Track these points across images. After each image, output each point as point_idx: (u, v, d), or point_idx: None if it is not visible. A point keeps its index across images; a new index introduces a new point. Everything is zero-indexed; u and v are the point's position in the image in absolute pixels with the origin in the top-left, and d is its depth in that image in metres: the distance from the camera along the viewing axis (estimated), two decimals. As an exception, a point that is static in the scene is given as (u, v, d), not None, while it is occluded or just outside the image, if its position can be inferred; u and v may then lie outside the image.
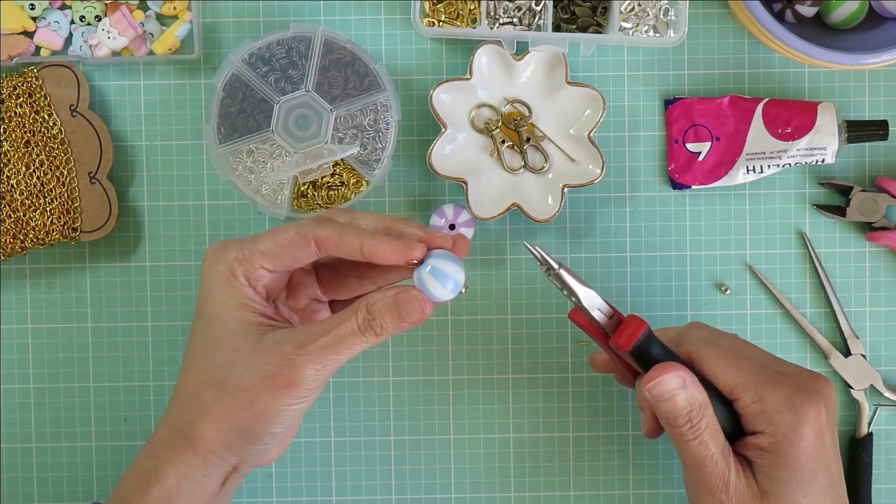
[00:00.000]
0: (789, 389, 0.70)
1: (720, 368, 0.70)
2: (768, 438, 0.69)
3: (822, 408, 0.70)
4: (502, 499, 0.85)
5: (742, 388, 0.70)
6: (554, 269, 0.68)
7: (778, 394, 0.69)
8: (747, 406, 0.70)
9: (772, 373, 0.71)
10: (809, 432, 0.69)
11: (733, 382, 0.70)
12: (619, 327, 0.69)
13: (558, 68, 0.82)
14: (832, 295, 0.84)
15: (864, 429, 0.84)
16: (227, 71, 0.81)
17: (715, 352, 0.71)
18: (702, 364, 0.71)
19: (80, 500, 0.85)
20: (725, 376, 0.70)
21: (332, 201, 0.82)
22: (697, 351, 0.72)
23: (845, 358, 0.84)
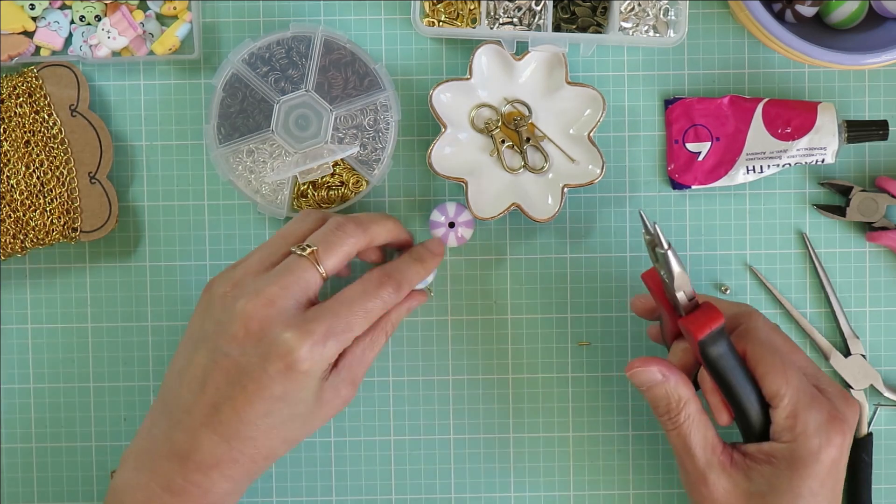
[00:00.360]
0: (824, 415, 0.72)
1: (769, 375, 0.72)
2: (786, 452, 0.72)
3: (848, 436, 0.73)
4: (502, 499, 0.85)
5: (782, 399, 0.72)
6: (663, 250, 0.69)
7: (813, 417, 0.72)
8: (781, 419, 0.72)
9: (812, 392, 0.73)
10: (827, 458, 0.71)
11: (777, 392, 0.72)
12: (695, 311, 0.71)
13: (558, 68, 0.82)
14: (832, 295, 0.84)
15: (864, 429, 0.84)
16: (227, 71, 0.81)
17: (768, 357, 0.73)
18: (755, 366, 0.73)
19: (80, 500, 0.85)
20: (772, 385, 0.72)
21: (332, 201, 0.82)
22: (753, 352, 0.73)
23: (845, 358, 0.84)
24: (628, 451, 0.85)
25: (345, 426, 0.85)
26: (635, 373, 0.74)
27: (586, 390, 0.85)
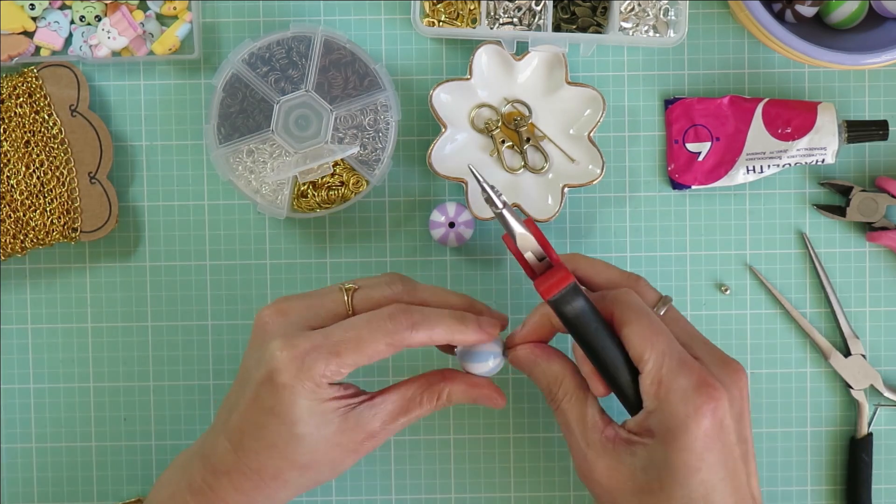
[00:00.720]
0: (692, 381, 0.67)
1: (635, 338, 0.68)
2: (657, 419, 0.67)
3: (723, 402, 0.67)
4: (502, 499, 0.85)
5: (646, 363, 0.68)
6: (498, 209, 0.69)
7: (678, 384, 0.67)
8: (647, 385, 0.68)
9: (682, 357, 0.68)
10: (699, 428, 0.66)
11: (641, 356, 0.68)
12: (545, 273, 0.69)
13: (558, 68, 0.82)
14: (832, 295, 0.84)
15: (864, 429, 0.84)
16: (227, 71, 0.81)
17: (635, 319, 0.68)
18: (620, 328, 0.69)
19: (80, 500, 0.85)
20: (636, 348, 0.68)
21: (332, 201, 0.82)
22: (620, 314, 0.69)
23: (845, 358, 0.84)
24: (628, 451, 0.85)
25: (345, 426, 0.85)
26: (512, 357, 0.73)
27: (586, 390, 0.85)
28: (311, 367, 0.68)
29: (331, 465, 0.71)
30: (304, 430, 0.69)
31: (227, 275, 0.85)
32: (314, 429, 0.69)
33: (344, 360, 0.68)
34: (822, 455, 0.85)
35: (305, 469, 0.71)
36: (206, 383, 0.85)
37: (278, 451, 0.70)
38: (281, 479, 0.71)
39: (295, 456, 0.70)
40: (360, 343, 0.68)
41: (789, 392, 0.85)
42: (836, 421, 0.85)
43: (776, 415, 0.85)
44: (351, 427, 0.70)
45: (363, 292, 0.72)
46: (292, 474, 0.71)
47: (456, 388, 0.73)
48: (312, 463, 0.71)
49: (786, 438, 0.85)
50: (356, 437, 0.71)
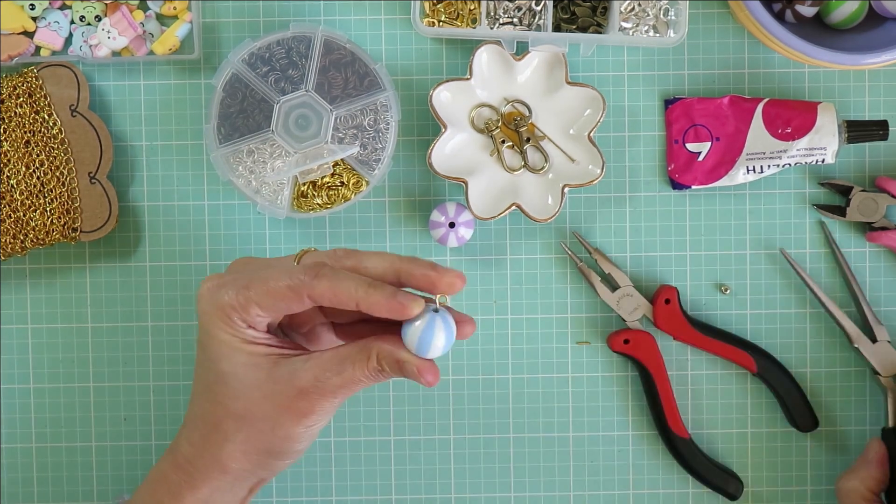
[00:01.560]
0: None
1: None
2: None
3: None
4: (502, 499, 0.85)
5: None
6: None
7: None
8: None
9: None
10: None
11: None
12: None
13: (558, 68, 0.82)
14: (854, 283, 0.83)
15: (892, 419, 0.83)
16: (227, 71, 0.81)
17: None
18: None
19: (80, 500, 0.85)
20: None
21: (332, 201, 0.82)
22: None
23: (873, 344, 0.83)
24: (628, 451, 0.85)
25: (345, 426, 0.85)
26: None
27: (586, 390, 0.85)
28: (221, 297, 0.67)
29: (268, 423, 0.68)
30: (227, 368, 0.68)
31: (227, 275, 0.85)
32: (241, 369, 0.68)
33: (250, 294, 0.66)
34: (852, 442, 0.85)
35: (240, 420, 0.68)
36: (206, 383, 0.85)
37: (212, 394, 0.69)
38: (220, 429, 0.69)
39: (226, 399, 0.68)
40: (268, 281, 0.66)
41: (789, 392, 0.85)
42: (852, 410, 0.85)
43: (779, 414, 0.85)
44: (283, 378, 0.67)
45: (312, 252, 0.70)
46: (229, 425, 0.69)
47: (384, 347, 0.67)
48: (246, 413, 0.68)
49: (799, 437, 0.85)
50: (288, 391, 0.67)
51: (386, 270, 0.67)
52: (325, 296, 0.66)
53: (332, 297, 0.66)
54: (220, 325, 0.67)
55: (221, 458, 0.69)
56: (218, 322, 0.67)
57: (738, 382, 0.85)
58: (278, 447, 0.69)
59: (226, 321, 0.67)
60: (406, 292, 0.65)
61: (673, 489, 0.85)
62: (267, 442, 0.69)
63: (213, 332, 0.68)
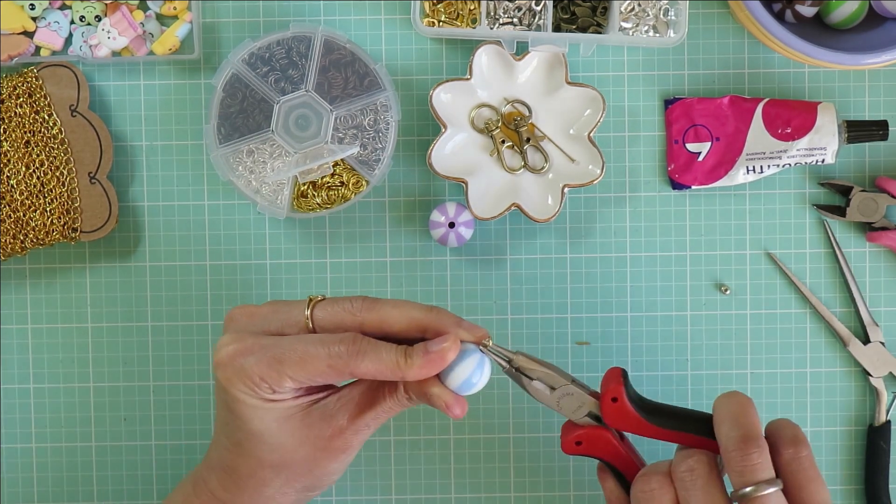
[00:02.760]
0: None
1: None
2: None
3: None
4: (502, 499, 0.85)
5: None
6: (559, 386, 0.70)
7: None
8: None
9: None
10: None
11: None
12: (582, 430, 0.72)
13: (558, 68, 0.82)
14: (852, 283, 0.84)
15: (882, 416, 0.84)
16: (227, 71, 0.81)
17: None
18: None
19: (80, 500, 0.85)
20: None
21: (332, 201, 0.82)
22: None
23: (864, 345, 0.84)
24: (628, 451, 0.85)
25: (345, 426, 0.85)
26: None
27: (586, 390, 0.85)
28: (249, 367, 0.66)
29: (306, 465, 0.69)
30: (259, 427, 0.68)
31: (227, 275, 0.85)
32: (273, 425, 0.68)
33: (285, 369, 0.66)
34: (838, 442, 0.85)
35: (279, 468, 0.69)
36: (206, 383, 0.85)
37: (244, 449, 0.69)
38: (257, 477, 0.70)
39: (261, 453, 0.69)
40: (305, 359, 0.66)
41: (789, 391, 0.85)
42: (853, 410, 0.85)
43: (790, 414, 0.85)
44: (316, 421, 0.68)
45: (324, 304, 0.69)
46: (266, 473, 0.69)
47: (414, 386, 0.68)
48: (283, 462, 0.69)
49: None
50: (323, 433, 0.68)
51: (409, 326, 0.68)
52: (368, 373, 0.66)
53: (376, 374, 0.67)
54: (246, 391, 0.67)
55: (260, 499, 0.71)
56: (243, 388, 0.67)
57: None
58: (317, 483, 0.71)
59: (252, 388, 0.67)
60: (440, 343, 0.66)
61: (673, 489, 0.85)
62: (306, 480, 0.71)
63: (238, 398, 0.67)
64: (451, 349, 0.66)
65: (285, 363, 0.66)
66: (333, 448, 0.69)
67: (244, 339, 0.68)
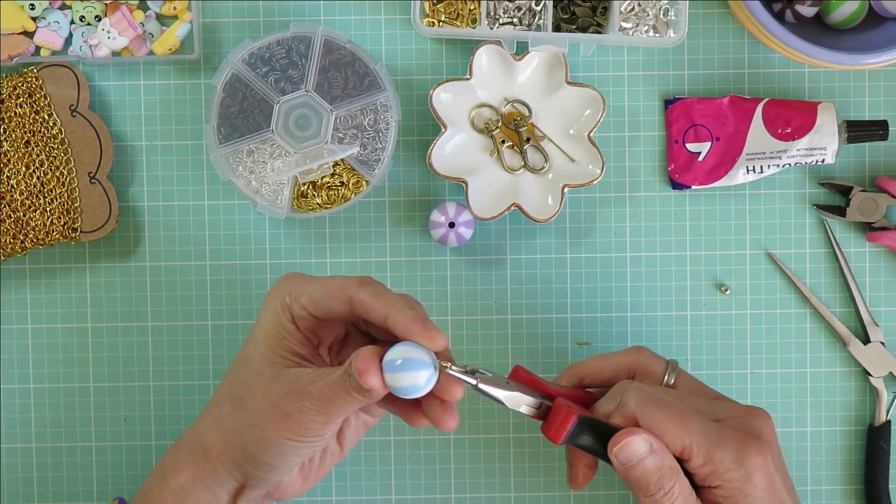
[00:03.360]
0: (735, 443, 0.69)
1: (669, 432, 0.69)
2: (723, 492, 0.69)
3: (767, 452, 0.70)
4: (502, 499, 0.85)
5: (691, 450, 0.69)
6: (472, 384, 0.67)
7: (725, 450, 0.69)
8: (699, 467, 0.69)
9: (715, 427, 0.70)
10: (761, 481, 0.69)
11: (683, 445, 0.69)
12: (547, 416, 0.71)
13: (558, 68, 0.82)
14: (852, 283, 0.84)
15: (882, 416, 0.84)
16: (227, 71, 0.81)
17: (661, 414, 0.69)
18: (650, 428, 0.70)
19: (80, 500, 0.85)
20: (676, 440, 0.69)
21: (332, 201, 0.82)
22: (643, 414, 0.70)
23: (864, 345, 0.84)
24: (628, 451, 0.85)
25: (345, 426, 0.85)
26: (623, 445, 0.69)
27: (586, 390, 0.85)
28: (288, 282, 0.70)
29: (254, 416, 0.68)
30: (250, 352, 0.70)
31: (227, 275, 0.85)
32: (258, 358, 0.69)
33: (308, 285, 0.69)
34: (838, 442, 0.85)
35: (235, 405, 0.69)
36: (206, 383, 0.85)
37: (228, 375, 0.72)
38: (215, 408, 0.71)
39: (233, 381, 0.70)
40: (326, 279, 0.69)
41: (789, 391, 0.85)
42: (853, 410, 0.85)
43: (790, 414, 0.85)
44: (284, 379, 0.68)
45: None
46: (224, 406, 0.70)
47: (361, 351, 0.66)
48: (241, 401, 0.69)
49: (800, 437, 0.85)
50: (280, 390, 0.67)
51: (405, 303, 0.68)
52: (364, 302, 0.68)
53: (369, 304, 0.67)
54: (271, 310, 0.70)
55: (205, 440, 0.70)
56: (271, 307, 0.70)
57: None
58: (253, 449, 0.68)
59: (276, 309, 0.70)
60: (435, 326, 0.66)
61: (673, 489, 0.85)
62: (246, 438, 0.69)
63: (262, 316, 0.70)
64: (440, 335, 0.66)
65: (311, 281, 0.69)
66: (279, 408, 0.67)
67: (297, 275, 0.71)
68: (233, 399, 0.70)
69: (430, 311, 0.84)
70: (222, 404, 0.71)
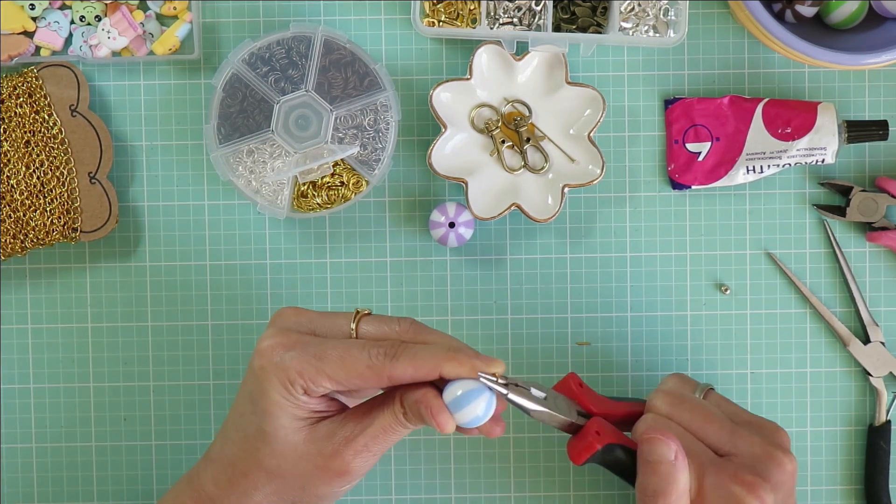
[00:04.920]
0: (728, 479, 0.69)
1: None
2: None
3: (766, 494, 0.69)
4: (502, 499, 0.85)
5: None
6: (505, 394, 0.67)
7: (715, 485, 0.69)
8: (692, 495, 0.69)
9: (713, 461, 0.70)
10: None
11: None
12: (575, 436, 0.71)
13: (558, 68, 0.82)
14: (852, 283, 0.84)
15: (882, 416, 0.84)
16: (227, 71, 0.81)
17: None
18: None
19: (80, 500, 0.85)
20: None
21: (332, 201, 0.82)
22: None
23: (864, 345, 0.84)
24: (628, 451, 0.85)
25: (345, 426, 0.85)
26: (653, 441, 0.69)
27: (586, 390, 0.85)
28: (288, 361, 0.67)
29: (299, 481, 0.69)
30: (270, 428, 0.68)
31: (227, 275, 0.85)
32: (282, 432, 0.68)
33: (324, 366, 0.66)
34: (838, 442, 0.85)
35: (273, 476, 0.69)
36: (206, 383, 0.85)
37: (249, 445, 0.69)
38: (250, 478, 0.69)
39: (262, 455, 0.69)
40: (345, 358, 0.66)
41: (789, 391, 0.85)
42: (853, 410, 0.85)
43: (791, 414, 0.85)
44: (320, 438, 0.68)
45: (371, 319, 0.70)
46: (260, 477, 0.69)
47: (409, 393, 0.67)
48: (279, 470, 0.69)
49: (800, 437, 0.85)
50: (323, 450, 0.68)
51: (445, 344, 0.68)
52: (406, 374, 0.66)
53: (414, 374, 0.66)
54: (279, 387, 0.67)
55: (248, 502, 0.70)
56: (276, 384, 0.67)
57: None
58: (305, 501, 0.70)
59: (285, 385, 0.67)
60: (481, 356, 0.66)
61: (673, 489, 0.85)
62: (294, 497, 0.70)
63: (267, 391, 0.68)
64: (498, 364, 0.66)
65: (325, 361, 0.66)
66: (330, 469, 0.68)
67: (289, 335, 0.68)
68: (265, 471, 0.69)
69: (430, 311, 0.84)
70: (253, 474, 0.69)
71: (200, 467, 0.72)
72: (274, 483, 0.69)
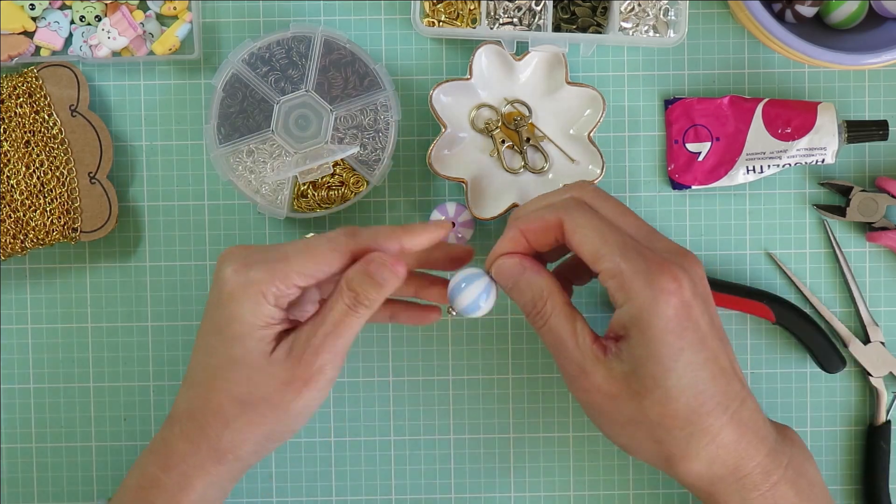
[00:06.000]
0: (649, 264, 0.66)
1: (586, 239, 0.67)
2: (627, 313, 0.66)
3: (684, 281, 0.66)
4: (502, 499, 0.85)
5: (602, 260, 0.66)
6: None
7: (636, 267, 0.65)
8: (606, 280, 0.66)
9: (636, 247, 0.67)
10: (668, 308, 0.65)
11: (595, 254, 0.66)
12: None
13: (558, 68, 0.82)
14: (852, 283, 0.84)
15: (882, 416, 0.84)
16: (227, 71, 0.81)
17: (584, 220, 0.67)
18: (571, 234, 0.68)
19: (80, 500, 0.85)
20: (589, 247, 0.67)
21: (332, 201, 0.82)
22: (568, 217, 0.68)
23: (864, 345, 0.84)
24: (628, 451, 0.85)
25: (345, 426, 0.85)
26: (496, 269, 0.70)
27: (586, 390, 0.85)
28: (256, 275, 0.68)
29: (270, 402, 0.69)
30: (238, 352, 0.68)
31: (227, 275, 0.85)
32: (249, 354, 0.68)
33: (290, 265, 0.68)
34: (838, 442, 0.85)
35: (245, 404, 0.69)
36: (206, 383, 0.85)
37: (215, 380, 0.69)
38: (221, 415, 0.69)
39: (230, 385, 0.69)
40: (307, 249, 0.69)
41: (789, 391, 0.85)
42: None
43: (790, 414, 0.85)
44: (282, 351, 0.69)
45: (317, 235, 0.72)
46: (232, 409, 0.69)
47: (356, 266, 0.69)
48: (250, 396, 0.69)
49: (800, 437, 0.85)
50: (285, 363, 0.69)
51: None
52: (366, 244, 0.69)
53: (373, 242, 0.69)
54: (249, 305, 0.68)
55: (220, 447, 0.70)
56: (245, 302, 0.68)
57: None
58: (279, 429, 0.70)
59: (257, 300, 0.68)
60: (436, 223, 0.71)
61: (673, 489, 0.85)
62: (269, 425, 0.70)
63: (236, 314, 0.68)
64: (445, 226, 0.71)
65: (290, 259, 0.68)
66: (297, 378, 0.68)
67: (246, 257, 0.70)
68: (236, 401, 0.69)
69: (430, 311, 0.84)
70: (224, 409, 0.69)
71: (165, 432, 0.72)
72: (246, 414, 0.69)
